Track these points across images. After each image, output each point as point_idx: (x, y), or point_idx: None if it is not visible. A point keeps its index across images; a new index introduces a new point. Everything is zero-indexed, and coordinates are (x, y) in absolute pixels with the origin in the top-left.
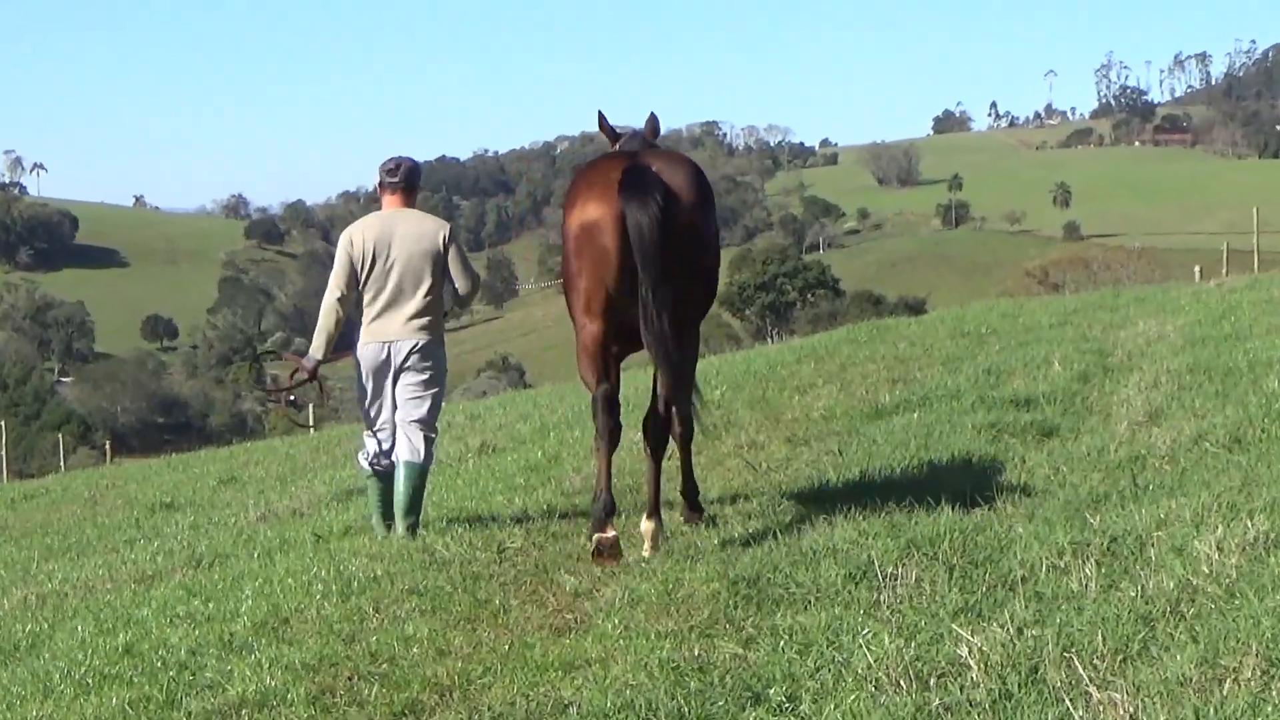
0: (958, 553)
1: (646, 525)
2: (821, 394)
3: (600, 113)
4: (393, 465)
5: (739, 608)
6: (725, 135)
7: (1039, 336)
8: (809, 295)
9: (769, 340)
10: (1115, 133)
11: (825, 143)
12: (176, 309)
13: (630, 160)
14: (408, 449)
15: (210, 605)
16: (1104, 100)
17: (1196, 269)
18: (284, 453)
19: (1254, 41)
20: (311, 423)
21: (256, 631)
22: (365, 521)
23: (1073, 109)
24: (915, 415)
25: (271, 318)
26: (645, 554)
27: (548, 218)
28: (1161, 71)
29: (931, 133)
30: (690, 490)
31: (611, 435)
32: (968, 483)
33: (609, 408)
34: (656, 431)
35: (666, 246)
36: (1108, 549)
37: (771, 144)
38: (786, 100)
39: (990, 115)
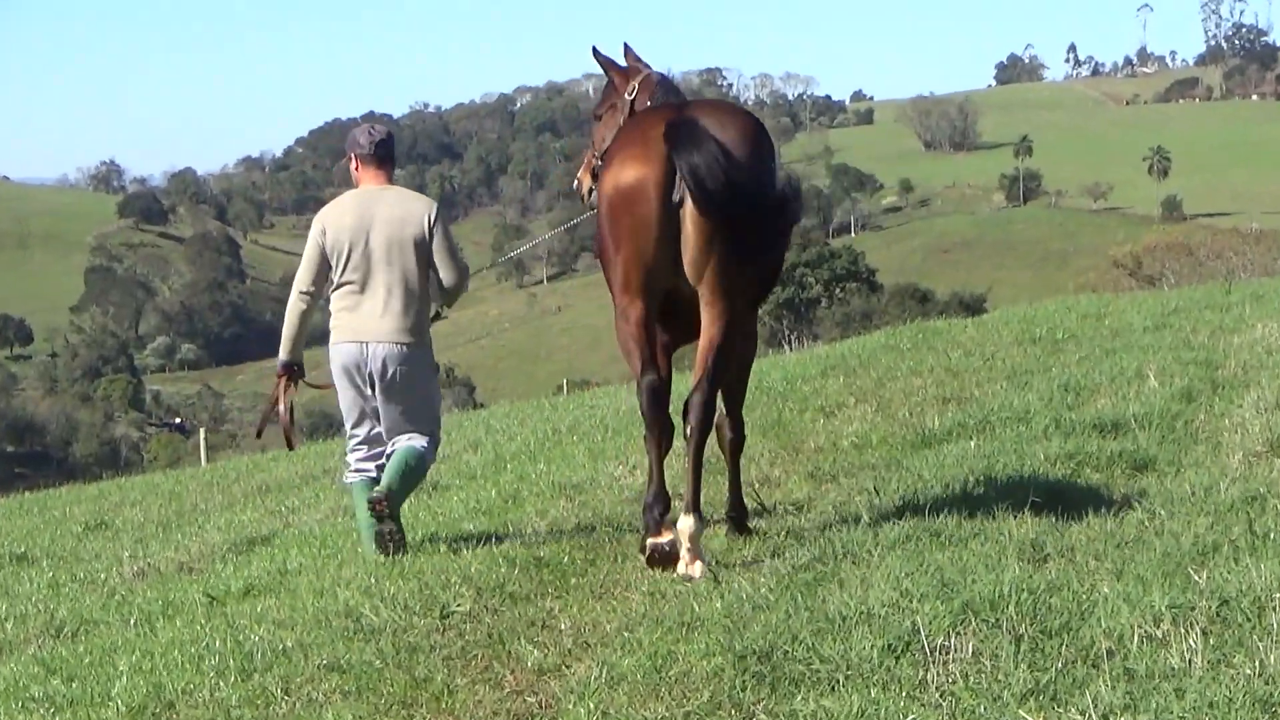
0: (1026, 619)
1: (685, 523)
2: (853, 416)
3: (595, 48)
4: (380, 472)
5: (747, 689)
6: (731, 86)
7: (1130, 343)
8: (837, 290)
9: (786, 347)
10: (1227, 84)
11: (858, 95)
12: (29, 307)
13: (674, 113)
14: (406, 440)
15: (74, 686)
16: (1213, 42)
17: None
18: (168, 491)
19: None
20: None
21: (133, 719)
22: (272, 578)
23: (1173, 53)
24: (972, 444)
25: (153, 318)
26: (682, 570)
27: (504, 190)
28: None
29: (994, 84)
30: (738, 512)
31: (661, 428)
32: (1039, 530)
33: (657, 400)
34: (699, 417)
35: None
36: (1217, 614)
37: (790, 97)
38: (808, 42)
39: (1068, 62)
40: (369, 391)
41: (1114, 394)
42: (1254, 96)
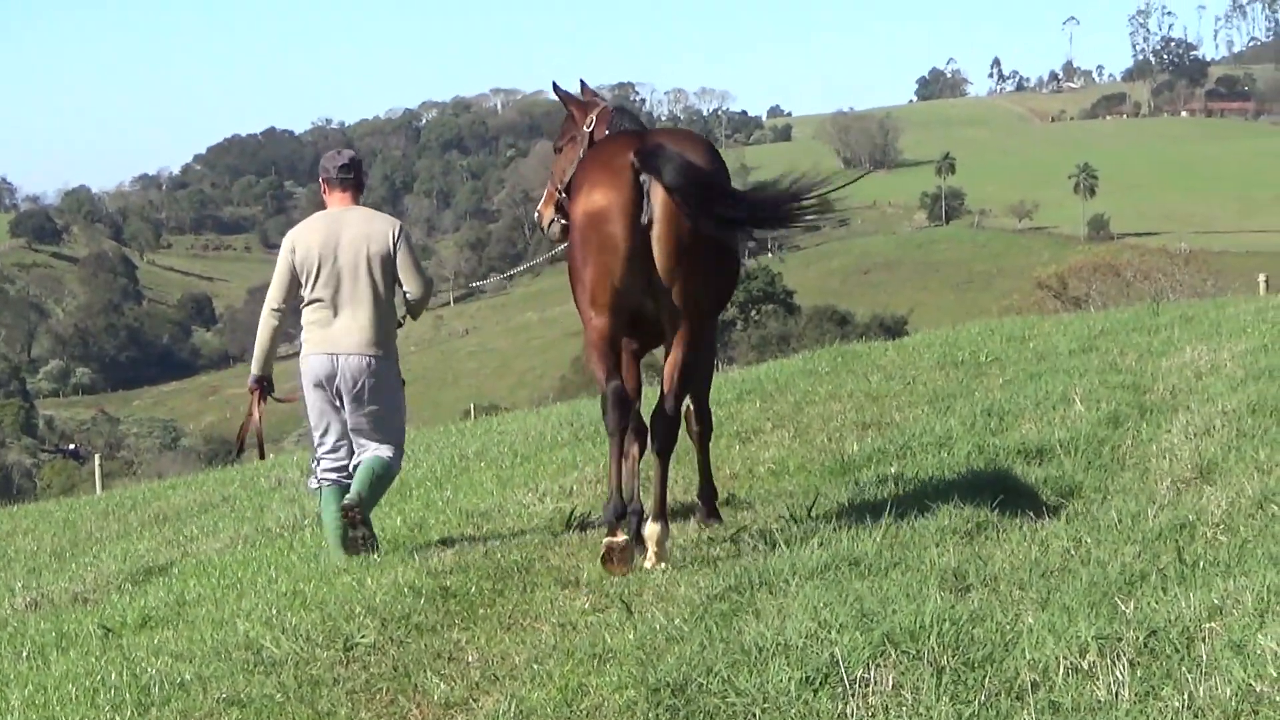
0: (948, 650)
1: (651, 529)
2: (770, 442)
3: (555, 83)
4: (349, 479)
5: None
6: (645, 102)
7: (1055, 367)
8: (753, 312)
9: None
10: (1156, 100)
11: (775, 111)
12: None
13: (639, 140)
14: (373, 450)
15: None
16: (1141, 57)
17: (1262, 278)
18: (62, 519)
19: None
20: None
21: None
22: (170, 609)
23: (1100, 68)
24: (893, 470)
25: (46, 341)
26: (648, 564)
27: (409, 208)
28: (1217, 19)
29: (915, 99)
30: (709, 494)
31: (623, 434)
32: (962, 559)
33: (619, 404)
34: (664, 430)
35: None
36: (1145, 645)
37: (705, 113)
38: (724, 57)
39: (992, 76)
40: (338, 402)
41: (1039, 419)
42: (1183, 113)
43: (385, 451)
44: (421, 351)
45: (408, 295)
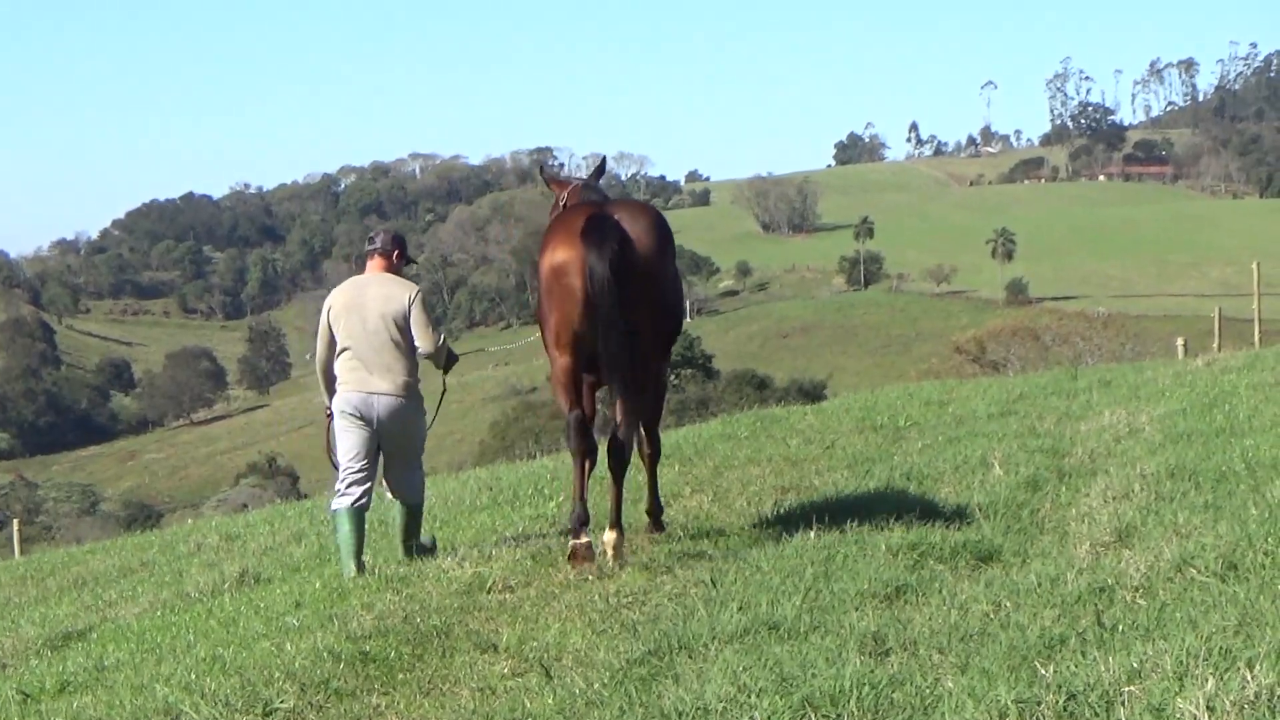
0: (868, 714)
1: (609, 536)
2: (689, 506)
3: (541, 166)
4: (367, 501)
5: None
6: (564, 166)
7: (974, 431)
8: (672, 376)
9: None
10: (1073, 164)
11: (693, 176)
12: None
13: (595, 209)
14: (403, 487)
15: None
16: (1058, 121)
17: (1180, 342)
18: None
19: (1254, 46)
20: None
21: None
22: (89, 674)
23: (1018, 133)
24: (812, 535)
25: None
26: (610, 565)
27: (328, 273)
28: (1135, 84)
29: (833, 163)
30: (656, 509)
31: (585, 454)
32: (881, 623)
33: (581, 430)
34: (617, 456)
35: (624, 287)
36: (1064, 709)
37: (623, 177)
38: (642, 122)
39: (910, 141)
40: (371, 434)
41: (958, 483)
42: (1101, 177)
43: (410, 499)
44: None
45: (419, 350)
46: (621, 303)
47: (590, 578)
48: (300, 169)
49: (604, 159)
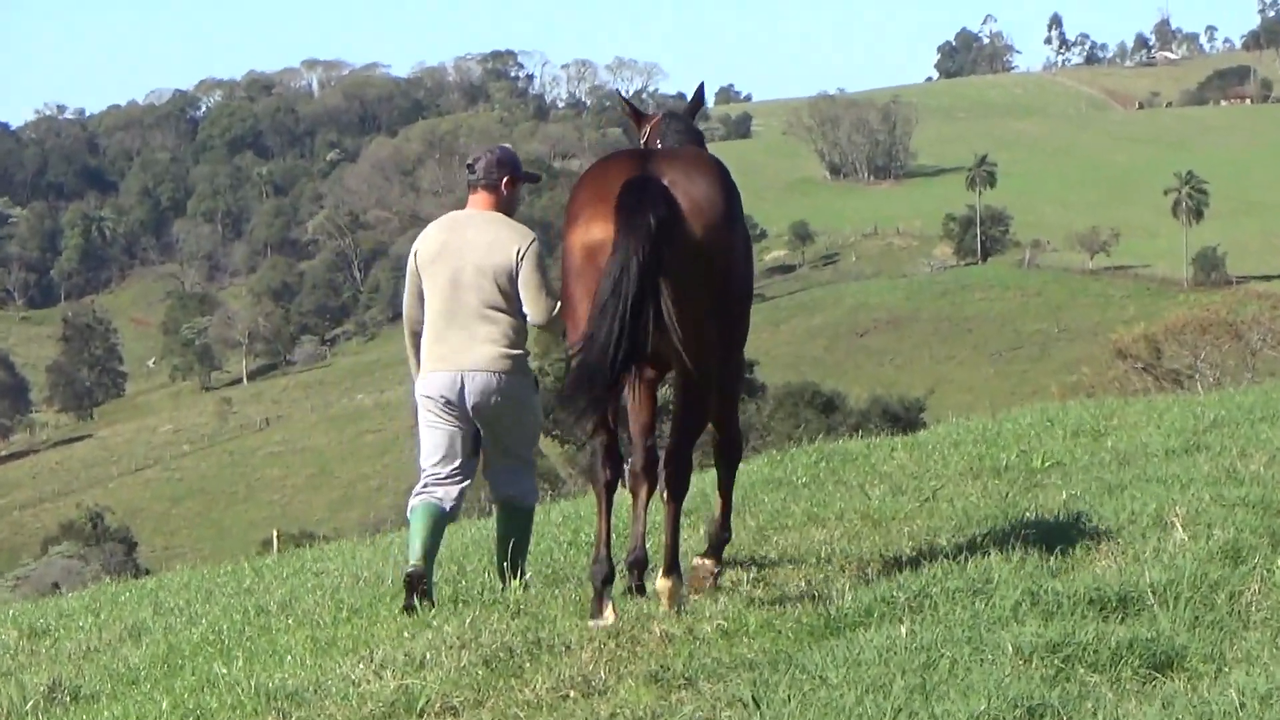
0: None
1: (662, 583)
2: (720, 586)
3: (619, 93)
4: (455, 509)
5: None
6: (532, 79)
7: (1145, 475)
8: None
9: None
10: None
11: (728, 94)
12: None
13: (637, 165)
14: (509, 487)
15: None
16: (1271, 14)
17: None
18: None
19: None
20: None
21: None
22: None
23: (1210, 30)
24: (904, 629)
25: None
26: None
27: (181, 239)
28: None
29: (936, 75)
30: (723, 531)
31: (610, 488)
32: None
33: (609, 459)
34: (676, 473)
35: (672, 272)
36: None
37: (625, 94)
38: (648, 14)
39: (1050, 42)
40: (464, 426)
41: (1121, 553)
42: None
43: (523, 492)
44: (199, 452)
45: (529, 319)
46: (670, 292)
47: (571, 694)
48: (140, 86)
49: (701, 86)
